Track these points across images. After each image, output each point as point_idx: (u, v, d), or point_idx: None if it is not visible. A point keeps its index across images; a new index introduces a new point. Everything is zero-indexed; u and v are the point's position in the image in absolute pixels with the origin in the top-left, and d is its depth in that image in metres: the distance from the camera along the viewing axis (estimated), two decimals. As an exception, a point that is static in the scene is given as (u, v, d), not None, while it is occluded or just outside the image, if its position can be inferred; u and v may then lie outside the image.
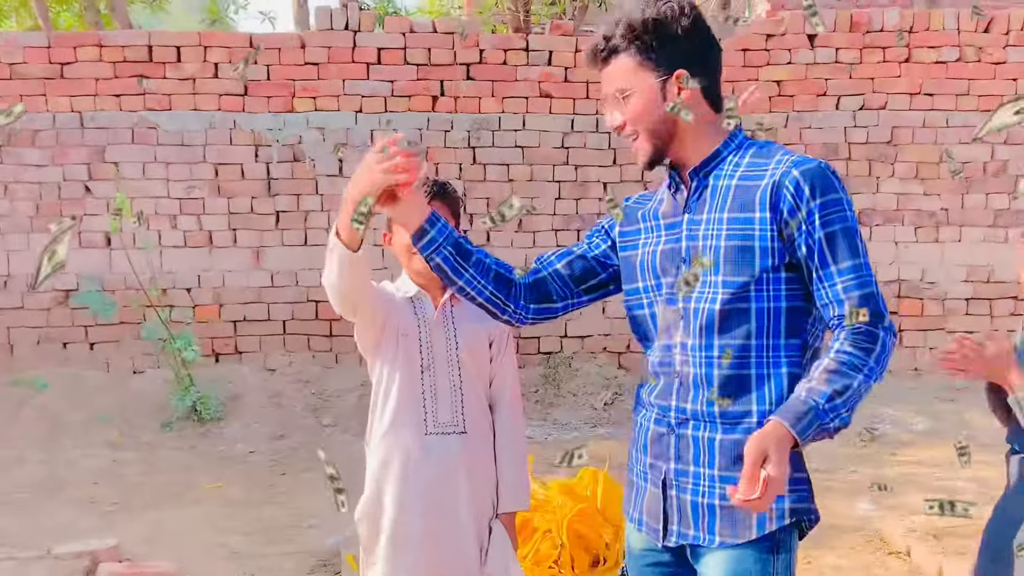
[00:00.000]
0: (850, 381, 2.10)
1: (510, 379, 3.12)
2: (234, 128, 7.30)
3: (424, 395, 2.97)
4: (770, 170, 2.23)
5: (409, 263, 2.96)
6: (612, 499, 4.78)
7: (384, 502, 3.00)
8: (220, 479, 6.18)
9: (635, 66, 2.29)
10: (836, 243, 2.17)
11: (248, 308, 7.45)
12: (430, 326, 2.98)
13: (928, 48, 7.55)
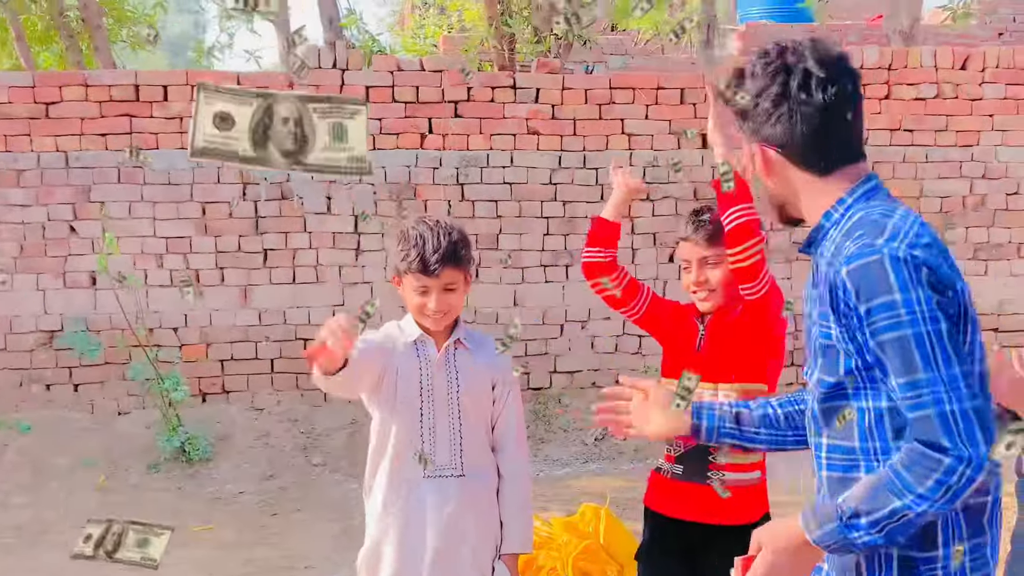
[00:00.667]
0: (884, 503, 1.93)
1: (515, 421, 3.13)
2: (221, 167, 7.20)
3: (423, 437, 2.98)
4: (838, 260, 2.03)
5: (420, 314, 2.99)
6: (615, 535, 4.73)
7: (384, 548, 3.03)
8: (210, 521, 6.06)
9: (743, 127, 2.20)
10: (888, 355, 1.96)
11: (235, 347, 7.32)
12: (432, 368, 2.99)
13: (907, 85, 7.62)
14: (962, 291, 1.97)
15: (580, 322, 7.51)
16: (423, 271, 2.90)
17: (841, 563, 2.11)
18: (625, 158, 7.37)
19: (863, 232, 1.99)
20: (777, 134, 2.10)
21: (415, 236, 2.93)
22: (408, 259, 2.92)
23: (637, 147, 7.42)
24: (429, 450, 2.96)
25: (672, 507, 3.19)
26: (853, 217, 2.07)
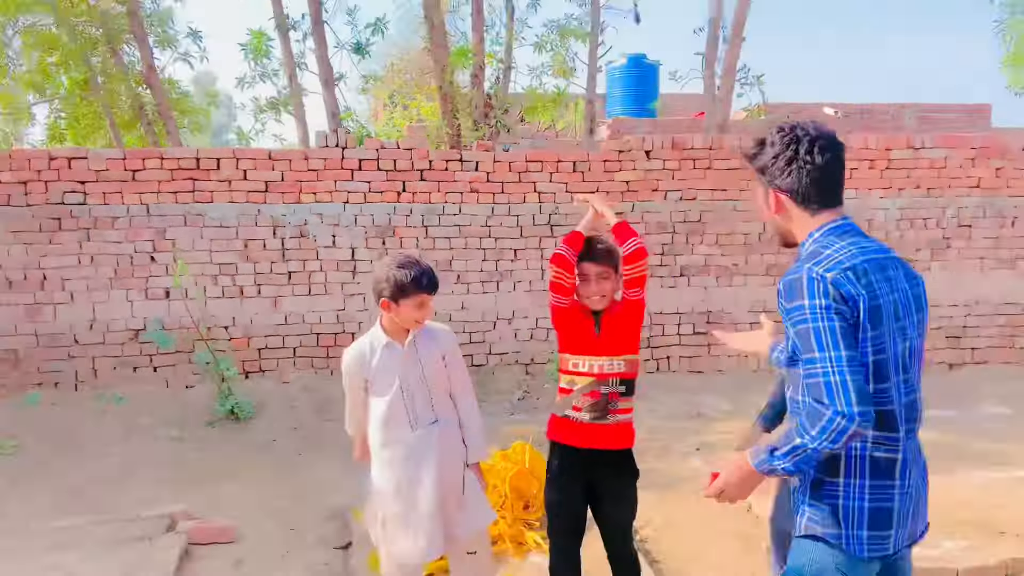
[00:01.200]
0: (790, 441, 1.99)
1: (463, 377, 3.18)
2: (258, 215, 7.13)
3: (406, 406, 3.00)
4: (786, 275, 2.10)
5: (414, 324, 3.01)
6: (536, 462, 4.77)
7: (388, 477, 3.05)
8: (255, 461, 5.96)
9: (756, 179, 2.26)
10: (799, 340, 2.02)
11: (269, 340, 7.23)
12: (401, 360, 3.01)
13: (722, 160, 7.74)
14: (862, 303, 2.00)
15: (507, 319, 7.55)
16: (431, 291, 2.94)
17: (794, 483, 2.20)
18: (537, 209, 7.49)
19: (806, 258, 2.09)
20: (787, 183, 2.15)
21: (415, 274, 2.91)
22: (419, 286, 2.91)
23: (545, 201, 7.48)
24: (411, 411, 3.01)
25: (579, 440, 3.18)
26: (815, 245, 2.13)
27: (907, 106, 14.62)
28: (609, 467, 3.19)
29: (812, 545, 2.13)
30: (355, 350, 3.04)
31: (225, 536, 4.46)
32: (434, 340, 3.08)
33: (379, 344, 3.01)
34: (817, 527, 2.12)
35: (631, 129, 12.44)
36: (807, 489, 2.14)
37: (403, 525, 3.01)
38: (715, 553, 4.24)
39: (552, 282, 3.16)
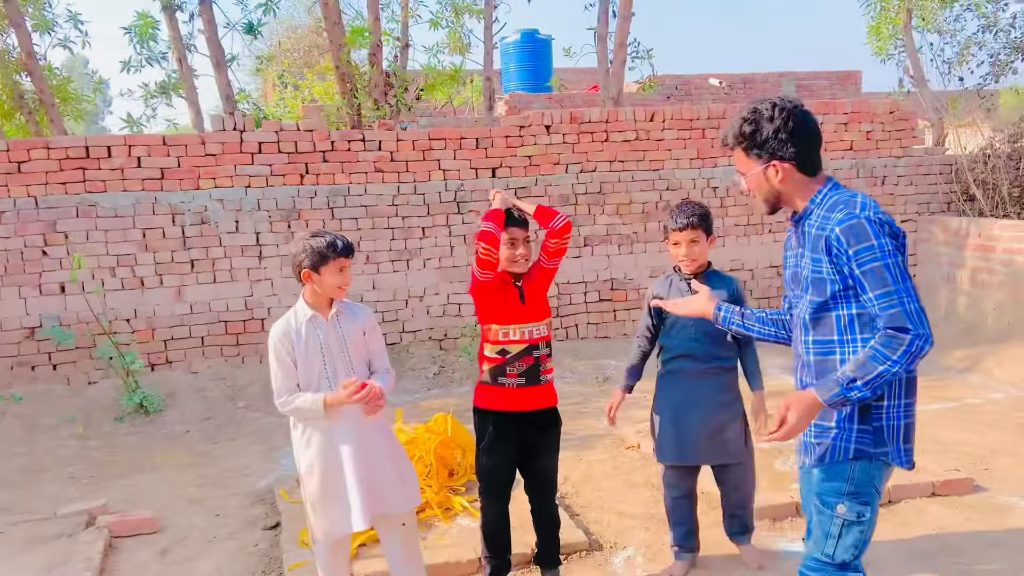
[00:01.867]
0: (871, 370, 2.13)
1: (380, 348, 3.26)
2: (155, 203, 6.95)
3: (328, 378, 3.08)
4: (828, 225, 2.24)
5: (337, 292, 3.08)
6: (458, 431, 4.94)
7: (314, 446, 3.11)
8: (169, 452, 5.90)
9: (745, 157, 2.37)
10: (868, 278, 2.16)
11: (174, 330, 7.08)
12: (325, 334, 3.09)
13: (618, 132, 7.99)
14: (903, 236, 2.28)
15: (418, 297, 7.63)
16: (347, 254, 3.02)
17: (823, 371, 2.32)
18: (442, 186, 7.58)
19: (843, 207, 2.25)
20: (790, 154, 2.30)
21: (329, 239, 3.01)
22: (335, 249, 2.99)
23: (450, 179, 7.57)
24: (334, 385, 3.06)
25: (514, 405, 3.34)
26: (829, 200, 2.31)
27: (785, 75, 15.37)
28: (540, 425, 3.40)
29: (856, 465, 2.31)
30: (281, 325, 3.10)
31: (148, 527, 4.44)
32: (355, 315, 3.18)
33: (303, 318, 3.08)
34: (869, 448, 2.29)
35: (528, 104, 12.63)
36: (854, 416, 2.28)
37: (329, 498, 3.07)
38: (629, 503, 4.52)
39: (480, 259, 3.26)
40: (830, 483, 2.33)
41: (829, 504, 2.33)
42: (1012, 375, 6.68)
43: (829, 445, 2.32)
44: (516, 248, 3.33)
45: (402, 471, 3.21)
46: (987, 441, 5.29)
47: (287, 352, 3.06)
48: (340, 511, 3.07)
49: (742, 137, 2.35)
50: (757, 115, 2.32)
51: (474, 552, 3.79)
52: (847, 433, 2.30)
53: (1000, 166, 8.31)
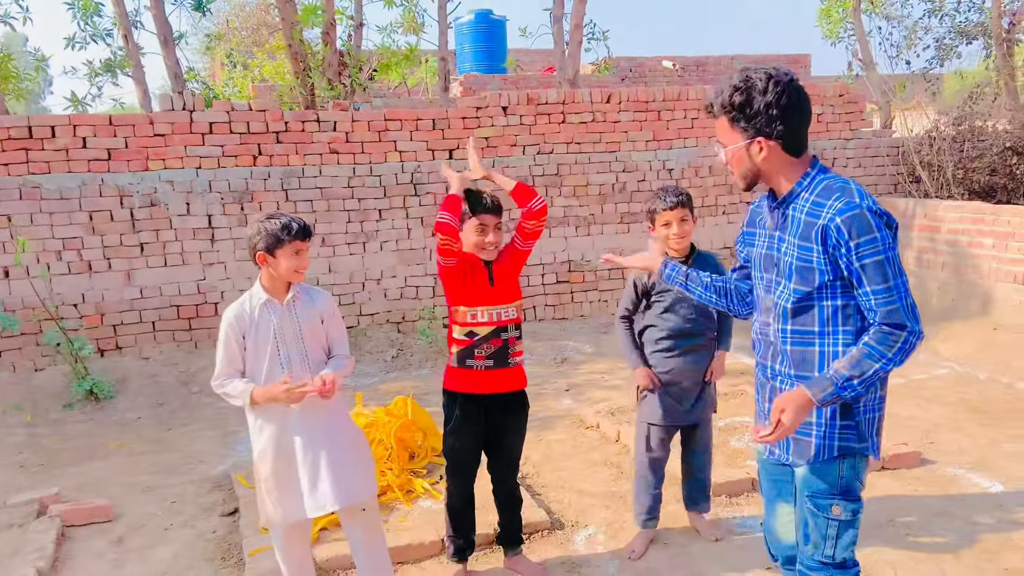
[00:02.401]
0: (867, 368, 2.06)
1: (340, 335, 3.19)
2: (102, 184, 6.76)
3: (282, 364, 3.01)
4: (824, 212, 2.11)
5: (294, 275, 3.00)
6: (418, 414, 4.94)
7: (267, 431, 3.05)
8: (121, 439, 5.78)
9: (729, 128, 2.20)
10: (868, 272, 2.07)
11: (124, 315, 6.91)
12: (280, 319, 3.02)
13: (575, 114, 8.01)
14: (896, 227, 2.16)
15: (375, 280, 7.57)
16: (303, 237, 2.96)
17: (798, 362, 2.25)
18: (399, 168, 7.52)
19: (840, 194, 2.12)
20: (779, 131, 2.14)
21: (284, 221, 2.94)
22: (290, 232, 2.93)
23: (406, 160, 7.50)
24: (287, 371, 3.00)
25: (482, 387, 3.34)
26: (818, 184, 2.18)
27: (736, 58, 15.56)
28: (509, 407, 3.41)
29: (844, 463, 2.25)
30: (235, 308, 3.04)
31: (102, 515, 4.35)
32: (312, 301, 3.11)
33: (258, 302, 3.02)
34: (854, 443, 2.23)
35: (482, 85, 12.56)
36: (835, 411, 2.22)
37: (281, 484, 3.03)
38: (589, 481, 4.57)
39: (440, 248, 3.22)
40: (820, 485, 2.27)
41: (823, 507, 2.27)
42: (955, 352, 6.90)
43: (814, 444, 2.26)
44: (486, 235, 3.28)
45: (357, 460, 3.15)
46: (932, 416, 5.47)
47: (235, 337, 2.99)
48: (292, 498, 3.02)
49: (730, 107, 2.16)
50: (749, 85, 2.14)
51: (436, 533, 3.80)
52: (830, 430, 2.24)
53: (945, 148, 8.54)
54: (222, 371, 3.03)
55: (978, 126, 8.74)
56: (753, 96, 2.13)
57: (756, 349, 2.41)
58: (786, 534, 2.49)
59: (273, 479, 3.05)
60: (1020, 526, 3.85)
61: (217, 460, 5.29)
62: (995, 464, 4.59)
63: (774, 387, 2.32)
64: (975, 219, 7.53)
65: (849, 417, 2.22)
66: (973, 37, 9.80)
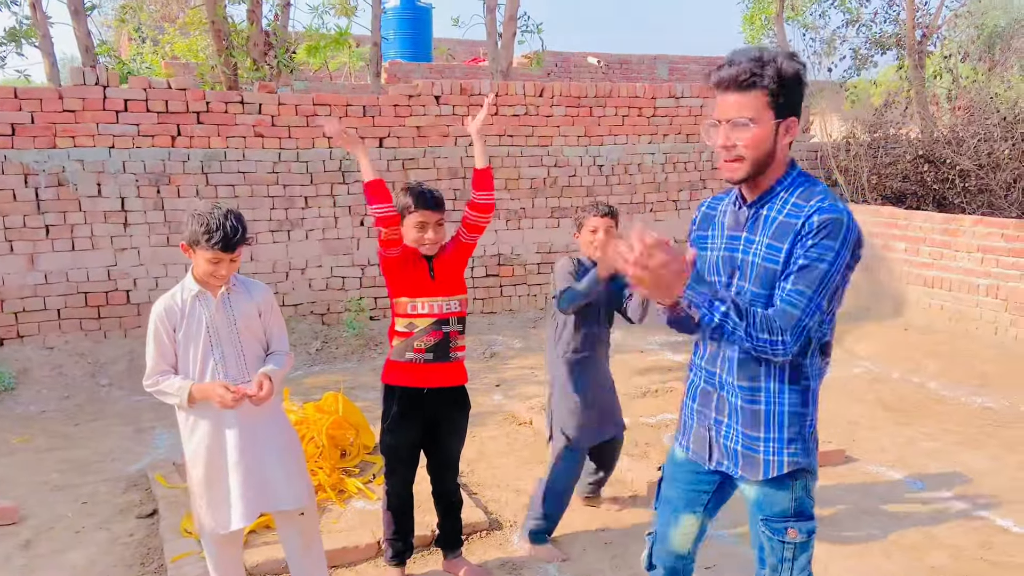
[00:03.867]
0: (739, 318, 1.94)
1: (278, 329, 3.03)
2: (5, 161, 6.30)
3: (215, 360, 2.85)
4: (805, 213, 1.99)
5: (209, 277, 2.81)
6: (349, 410, 4.80)
7: (199, 433, 2.87)
8: (24, 434, 5.42)
9: (766, 104, 1.98)
10: (802, 271, 1.96)
11: (26, 301, 6.48)
12: (213, 312, 2.85)
13: (508, 106, 7.95)
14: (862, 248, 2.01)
15: (300, 269, 7.32)
16: (224, 248, 2.74)
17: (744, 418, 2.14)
18: (327, 154, 7.29)
19: (822, 196, 2.01)
20: (797, 111, 2.02)
21: (209, 224, 2.73)
22: (211, 240, 2.71)
23: (334, 146, 7.28)
24: (221, 368, 2.83)
25: (422, 381, 3.23)
26: (799, 186, 2.06)
27: (660, 57, 15.78)
28: (448, 403, 3.31)
29: (796, 483, 2.15)
30: (164, 300, 2.85)
31: (7, 517, 4.06)
32: (248, 293, 2.93)
33: (189, 294, 2.83)
34: (801, 459, 2.13)
35: (408, 73, 12.37)
36: (783, 424, 2.12)
37: (213, 490, 2.87)
38: (525, 480, 4.52)
39: (385, 240, 3.11)
40: (774, 508, 2.17)
41: (778, 531, 2.17)
42: (869, 351, 7.17)
43: (762, 460, 2.14)
44: (425, 231, 3.18)
45: (293, 464, 3.00)
46: (851, 414, 5.66)
47: (165, 331, 2.80)
48: (224, 506, 2.86)
49: (778, 79, 1.96)
50: (797, 64, 1.99)
51: (372, 535, 3.69)
52: (779, 445, 2.13)
53: (861, 154, 8.86)
54: (154, 368, 2.83)
55: (892, 134, 9.10)
56: (799, 73, 2.00)
57: (696, 353, 2.29)
58: (684, 545, 2.41)
59: (204, 484, 2.87)
60: (942, 523, 4.01)
61: (131, 458, 5.01)
62: (915, 462, 4.77)
63: (720, 397, 2.20)
64: (888, 223, 7.83)
65: (797, 433, 2.12)
66: (888, 48, 10.20)
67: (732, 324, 1.94)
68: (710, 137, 2.07)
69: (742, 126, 1.99)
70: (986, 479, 4.52)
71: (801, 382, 2.11)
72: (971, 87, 9.34)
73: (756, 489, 2.19)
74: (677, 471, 2.38)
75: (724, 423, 2.20)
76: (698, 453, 2.28)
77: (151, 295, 6.82)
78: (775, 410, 2.12)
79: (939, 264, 7.35)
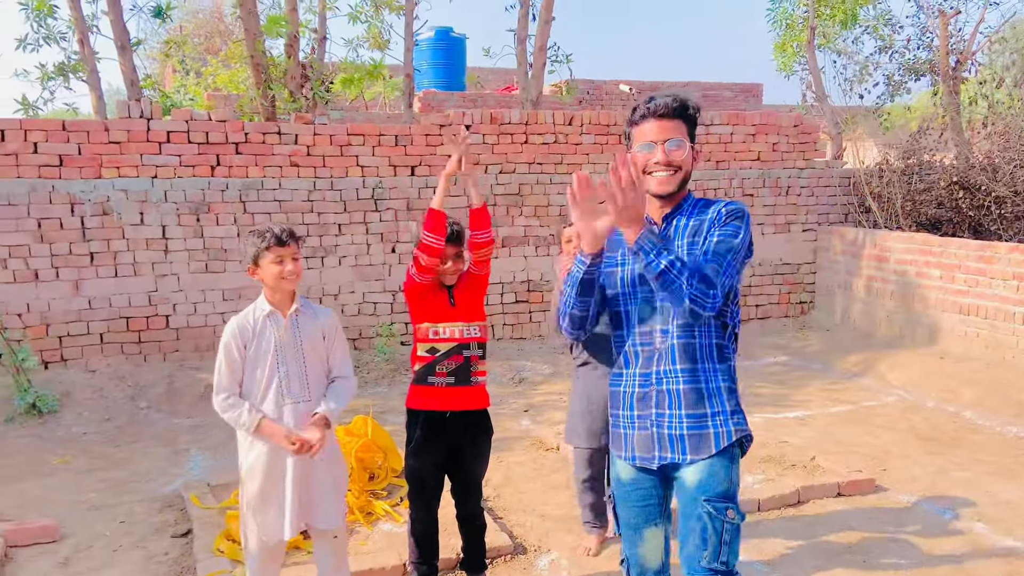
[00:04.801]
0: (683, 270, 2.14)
1: (341, 354, 3.15)
2: (53, 191, 6.57)
3: (280, 378, 2.99)
4: (713, 208, 2.35)
5: (278, 280, 2.96)
6: (378, 433, 4.89)
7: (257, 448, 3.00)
8: (65, 455, 5.59)
9: (686, 131, 2.37)
10: (717, 244, 2.26)
11: (71, 326, 6.71)
12: (281, 332, 3.00)
13: (537, 135, 8.06)
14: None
15: (333, 295, 7.46)
16: (280, 243, 2.93)
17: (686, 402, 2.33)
18: (360, 183, 7.46)
19: (726, 201, 2.38)
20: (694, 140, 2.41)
21: (265, 230, 2.96)
22: (264, 240, 2.93)
23: (368, 175, 7.46)
24: (285, 386, 2.98)
25: (444, 405, 3.32)
26: (699, 203, 2.41)
27: (690, 84, 15.84)
28: (470, 427, 3.39)
29: (733, 466, 2.36)
30: (237, 319, 3.03)
31: (48, 535, 4.20)
32: (315, 317, 3.10)
33: (261, 313, 3.01)
34: (745, 427, 2.39)
35: (441, 103, 12.59)
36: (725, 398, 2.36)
37: (268, 502, 3.00)
38: (551, 505, 4.56)
39: (423, 268, 3.23)
40: (717, 488, 2.31)
41: (720, 510, 2.30)
42: (903, 379, 7.09)
43: (712, 434, 2.33)
44: (444, 263, 3.31)
45: (338, 486, 3.16)
46: (882, 442, 5.60)
47: (237, 347, 2.97)
48: (276, 517, 3.00)
49: (696, 111, 2.41)
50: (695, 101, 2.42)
51: (398, 557, 3.75)
52: (724, 416, 2.35)
53: (894, 180, 8.81)
54: (227, 385, 2.98)
55: (926, 160, 9.04)
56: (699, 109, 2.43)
57: (628, 365, 2.43)
58: (656, 558, 2.50)
59: (260, 496, 3.01)
60: (973, 555, 3.95)
61: (167, 479, 5.15)
62: (947, 492, 4.71)
63: (660, 391, 2.35)
64: (923, 251, 7.77)
65: (735, 404, 2.37)
66: (921, 74, 10.16)
67: (676, 272, 2.15)
68: (639, 159, 2.34)
69: (677, 145, 2.34)
70: (1019, 510, 4.45)
71: (727, 361, 2.40)
72: (1007, 113, 9.25)
73: (701, 468, 2.32)
74: (625, 491, 2.49)
75: (666, 415, 2.36)
76: (643, 456, 2.40)
77: (189, 320, 7.02)
78: (714, 386, 2.36)
79: (975, 291, 7.26)
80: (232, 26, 17.35)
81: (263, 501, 3.00)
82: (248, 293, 7.17)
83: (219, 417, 3.05)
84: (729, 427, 2.33)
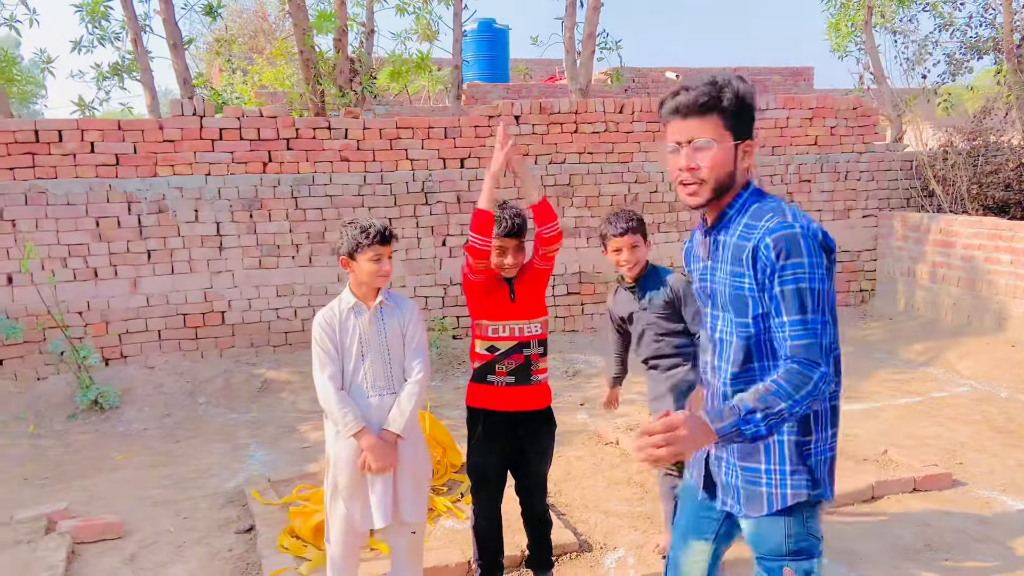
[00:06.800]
0: (773, 404, 1.83)
1: (419, 340, 3.11)
2: (110, 190, 6.65)
3: (365, 369, 3.01)
4: (755, 234, 1.94)
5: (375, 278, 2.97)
6: (436, 428, 4.84)
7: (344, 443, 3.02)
8: (127, 451, 5.65)
9: (723, 126, 1.97)
10: (786, 299, 1.89)
11: (130, 323, 6.80)
12: (365, 325, 3.01)
13: (587, 124, 7.93)
14: (835, 250, 1.96)
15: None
16: (382, 242, 2.94)
17: (741, 450, 2.05)
18: (410, 176, 7.42)
19: (771, 214, 1.95)
20: (752, 134, 2.02)
21: (368, 224, 2.97)
22: (368, 236, 2.93)
23: (417, 168, 7.41)
24: (369, 377, 3.01)
25: (503, 404, 3.26)
26: (751, 206, 2.01)
27: (739, 69, 15.52)
28: (532, 425, 3.31)
29: (791, 520, 2.05)
30: (324, 312, 3.06)
31: (113, 532, 4.23)
32: (398, 308, 3.10)
33: (346, 306, 3.03)
34: (807, 490, 2.03)
35: (485, 94, 12.52)
36: (785, 456, 2.03)
37: (355, 491, 3.03)
38: (614, 501, 4.46)
39: (471, 267, 3.17)
40: (767, 545, 2.08)
41: (773, 571, 2.08)
42: (974, 370, 6.83)
43: (764, 493, 2.05)
44: (504, 257, 3.20)
45: (421, 483, 3.16)
46: (956, 435, 5.39)
47: (328, 335, 3.00)
48: (363, 505, 3.04)
49: (739, 100, 1.97)
50: (750, 87, 2.01)
51: (462, 555, 3.69)
52: (781, 477, 2.03)
53: (959, 163, 8.49)
54: (329, 371, 2.98)
55: (992, 141, 8.69)
56: (752, 95, 2.00)
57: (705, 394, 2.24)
58: (692, 572, 2.32)
59: (350, 488, 3.04)
60: (1061, 552, 3.76)
61: (228, 474, 5.17)
62: (1028, 486, 4.51)
63: None
64: (992, 235, 7.47)
65: (801, 460, 2.02)
66: (984, 52, 9.78)
67: (775, 418, 1.85)
68: (669, 162, 2.05)
69: (704, 148, 1.97)
70: (1110, 506, 4.22)
71: None
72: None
73: (752, 524, 2.10)
74: (687, 494, 2.33)
75: (723, 460, 2.13)
76: (705, 492, 2.21)
77: (244, 316, 7.06)
78: (775, 438, 2.02)
79: (1048, 276, 6.96)
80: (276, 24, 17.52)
81: (355, 491, 3.02)
82: (300, 289, 7.19)
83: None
84: (785, 489, 2.01)
